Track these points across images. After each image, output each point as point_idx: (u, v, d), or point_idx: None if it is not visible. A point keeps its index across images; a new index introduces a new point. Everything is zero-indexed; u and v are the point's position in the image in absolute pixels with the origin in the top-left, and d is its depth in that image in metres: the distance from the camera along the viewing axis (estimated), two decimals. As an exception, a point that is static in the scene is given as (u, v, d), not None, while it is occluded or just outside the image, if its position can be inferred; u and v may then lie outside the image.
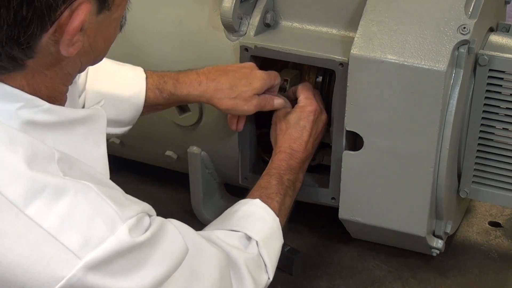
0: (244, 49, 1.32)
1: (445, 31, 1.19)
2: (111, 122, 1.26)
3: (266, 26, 1.35)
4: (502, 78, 1.25)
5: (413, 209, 1.28)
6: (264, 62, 1.34)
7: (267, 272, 1.10)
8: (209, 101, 1.27)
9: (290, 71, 1.35)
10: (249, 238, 1.10)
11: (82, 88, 1.21)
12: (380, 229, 1.33)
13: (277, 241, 1.15)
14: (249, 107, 1.27)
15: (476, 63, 1.26)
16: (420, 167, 1.24)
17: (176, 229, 0.88)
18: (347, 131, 1.27)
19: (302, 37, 1.33)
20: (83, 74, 1.20)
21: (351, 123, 1.26)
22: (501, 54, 1.25)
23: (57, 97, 0.87)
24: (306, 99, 1.31)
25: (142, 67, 1.31)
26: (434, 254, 1.36)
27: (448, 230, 1.36)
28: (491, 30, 1.36)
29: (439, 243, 1.35)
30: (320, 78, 1.35)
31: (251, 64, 1.30)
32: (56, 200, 0.77)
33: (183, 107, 1.42)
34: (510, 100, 1.26)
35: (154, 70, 1.31)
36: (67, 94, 0.91)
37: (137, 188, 1.66)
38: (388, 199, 1.29)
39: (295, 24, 1.36)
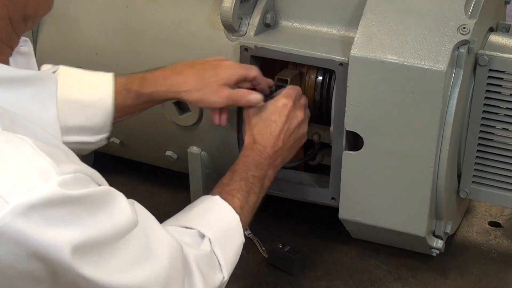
0: (244, 49, 1.33)
1: (445, 31, 1.19)
2: (83, 130, 1.24)
3: (266, 26, 1.35)
4: (502, 78, 1.26)
5: (413, 209, 1.28)
6: (264, 62, 1.34)
7: (221, 271, 1.05)
8: (177, 95, 1.25)
9: (290, 71, 1.35)
10: (202, 235, 1.05)
11: None
12: (380, 229, 1.33)
13: (235, 240, 1.10)
14: (219, 98, 1.23)
15: (476, 63, 1.26)
16: (420, 167, 1.24)
17: (127, 202, 0.86)
18: (347, 131, 1.27)
19: (302, 37, 1.33)
20: None
21: (351, 123, 1.26)
22: (501, 54, 1.25)
23: None
24: (283, 96, 1.28)
25: (142, 67, 1.31)
26: (434, 254, 1.36)
27: (448, 230, 1.36)
28: (491, 30, 1.36)
29: (439, 243, 1.35)
30: (320, 78, 1.35)
31: (221, 57, 1.29)
32: None
33: (183, 107, 1.42)
34: (510, 100, 1.27)
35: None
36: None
37: (137, 188, 1.66)
38: (388, 199, 1.29)
39: (295, 24, 1.36)
